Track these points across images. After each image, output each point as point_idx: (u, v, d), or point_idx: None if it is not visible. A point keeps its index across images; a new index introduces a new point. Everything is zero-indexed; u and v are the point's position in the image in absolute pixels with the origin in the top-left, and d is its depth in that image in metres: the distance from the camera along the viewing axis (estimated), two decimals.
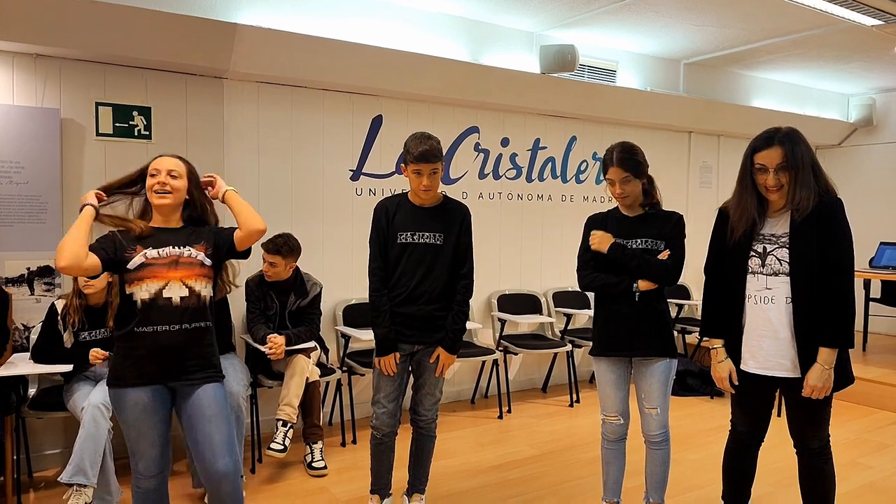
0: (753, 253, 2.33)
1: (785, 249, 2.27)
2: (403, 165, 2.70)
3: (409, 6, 4.39)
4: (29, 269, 3.45)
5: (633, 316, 2.60)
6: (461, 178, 4.83)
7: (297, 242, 3.68)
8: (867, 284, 5.85)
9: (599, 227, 2.71)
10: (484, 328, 4.82)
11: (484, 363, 4.81)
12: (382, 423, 2.75)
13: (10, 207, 3.40)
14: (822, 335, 2.22)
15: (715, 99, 6.06)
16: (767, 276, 2.30)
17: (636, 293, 2.57)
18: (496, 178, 5.03)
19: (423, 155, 2.59)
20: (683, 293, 5.81)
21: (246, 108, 4.02)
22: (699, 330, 2.58)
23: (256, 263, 3.85)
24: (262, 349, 3.48)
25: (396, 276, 2.72)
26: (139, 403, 2.11)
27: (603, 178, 2.67)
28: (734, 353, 2.40)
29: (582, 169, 5.48)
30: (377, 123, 4.47)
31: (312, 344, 3.67)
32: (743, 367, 2.38)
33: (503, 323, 4.79)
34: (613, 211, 2.73)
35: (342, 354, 4.15)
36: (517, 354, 4.83)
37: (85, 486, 2.79)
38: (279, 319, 3.73)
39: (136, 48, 3.46)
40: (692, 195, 6.12)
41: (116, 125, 3.64)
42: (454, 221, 2.75)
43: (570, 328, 5.09)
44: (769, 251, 2.30)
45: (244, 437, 3.22)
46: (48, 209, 3.46)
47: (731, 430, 2.57)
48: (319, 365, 3.78)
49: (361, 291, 4.38)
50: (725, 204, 2.46)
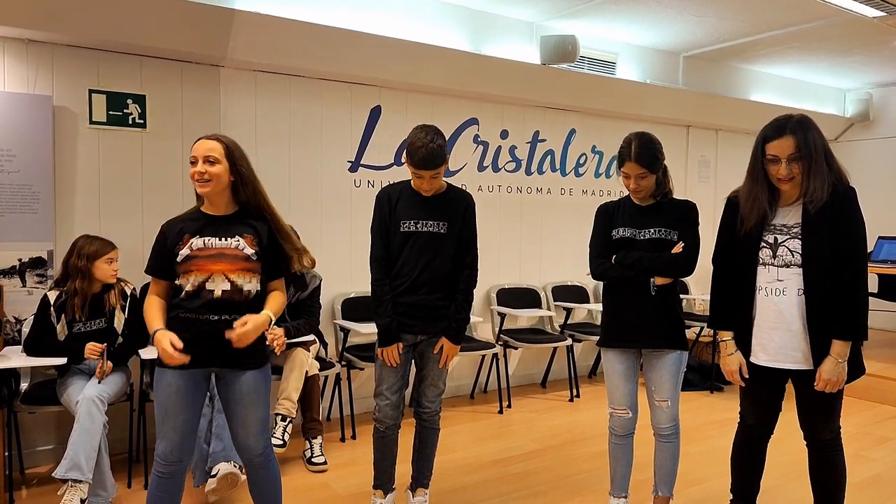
0: (764, 244, 2.29)
1: (797, 240, 2.22)
2: (406, 160, 2.64)
3: None
4: (21, 260, 3.36)
5: (644, 306, 2.55)
6: (460, 170, 4.77)
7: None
8: None
9: (611, 216, 2.65)
10: (483, 322, 4.77)
11: (483, 357, 4.76)
12: (385, 415, 2.69)
13: (1, 197, 3.31)
14: (835, 327, 2.17)
15: (713, 92, 6.03)
16: (779, 267, 2.25)
17: (654, 289, 2.52)
18: (495, 170, 4.98)
19: (422, 161, 2.54)
20: (682, 287, 5.79)
21: (243, 97, 3.94)
22: (708, 322, 2.53)
23: None
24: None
25: (399, 265, 2.66)
26: (172, 385, 2.14)
27: (619, 171, 2.59)
28: (744, 345, 2.35)
29: (581, 162, 5.44)
30: (376, 114, 4.41)
31: (311, 337, 3.61)
32: (753, 359, 2.33)
33: (503, 317, 4.74)
34: (625, 199, 2.68)
35: (341, 348, 4.08)
36: (517, 349, 4.78)
37: (80, 481, 2.70)
38: None
39: (130, 34, 3.38)
40: (690, 190, 6.08)
41: (110, 113, 3.55)
42: (458, 210, 2.70)
43: (569, 322, 5.04)
44: (780, 242, 2.26)
45: None
46: (40, 199, 3.37)
47: (739, 422, 2.53)
48: (318, 359, 3.72)
49: (360, 285, 4.34)
50: (734, 192, 2.42)
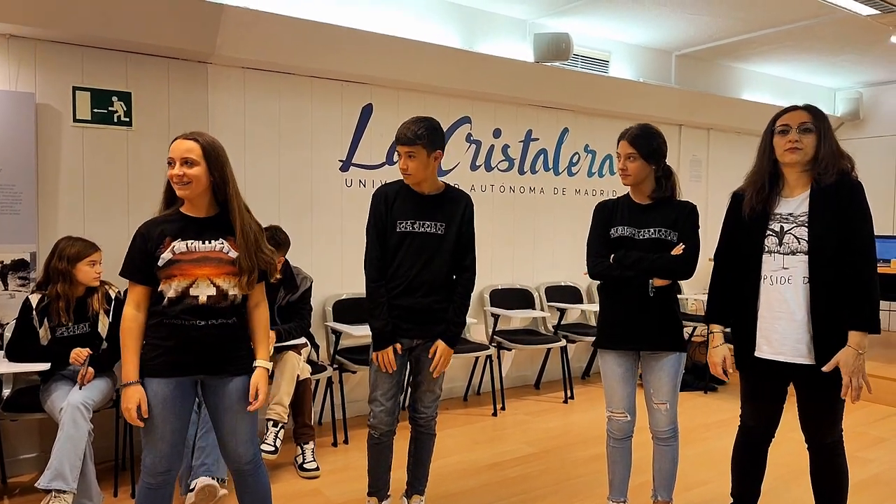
0: (770, 232, 2.27)
1: (804, 228, 2.20)
2: None
3: None
4: (2, 262, 3.26)
5: (642, 307, 2.51)
6: (453, 169, 4.71)
7: (285, 235, 3.55)
8: None
9: (610, 213, 2.61)
10: (477, 323, 4.71)
11: (477, 359, 4.71)
12: (381, 421, 2.62)
13: None
14: (851, 318, 2.14)
15: (706, 91, 6.02)
16: (784, 255, 2.23)
17: (652, 291, 2.48)
18: (488, 169, 4.92)
19: (399, 136, 2.55)
20: (676, 287, 5.75)
21: (231, 94, 3.85)
22: (704, 315, 2.51)
23: None
24: None
25: (395, 265, 2.60)
26: (158, 394, 2.05)
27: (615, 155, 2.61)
28: (748, 338, 2.32)
29: (574, 161, 5.39)
30: (367, 112, 4.34)
31: (303, 340, 3.54)
32: (757, 352, 2.30)
33: (496, 318, 4.68)
34: (624, 198, 2.64)
35: (333, 351, 4.01)
36: (510, 350, 4.73)
37: (64, 491, 2.61)
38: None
39: (115, 30, 3.29)
40: (682, 189, 6.02)
41: (95, 111, 3.46)
42: (456, 211, 2.64)
43: (563, 323, 5.01)
44: (787, 230, 2.24)
45: None
46: (23, 199, 3.27)
47: (740, 426, 2.49)
48: (310, 362, 3.65)
49: (352, 286, 4.26)
50: (740, 188, 2.41)
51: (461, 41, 4.56)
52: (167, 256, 2.05)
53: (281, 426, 3.26)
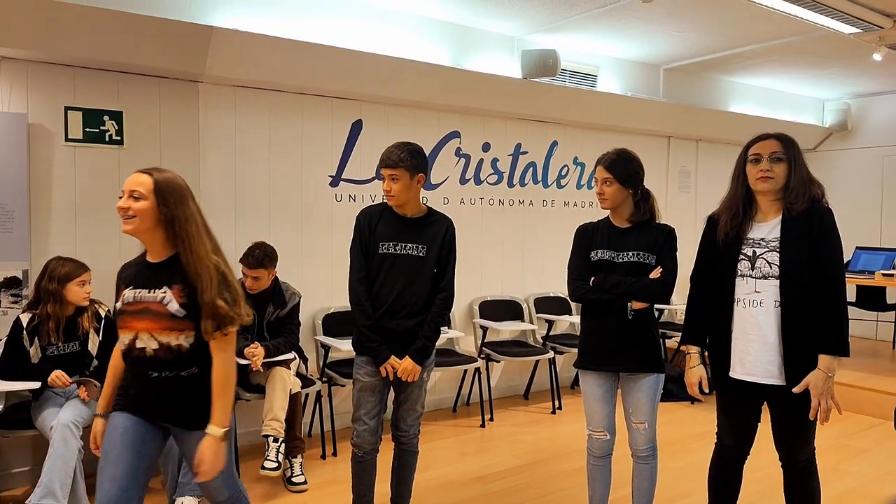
0: (743, 256, 2.33)
1: (775, 253, 2.27)
2: None
3: (389, 9, 4.32)
4: None
5: (621, 330, 2.57)
6: (442, 183, 4.77)
7: (273, 249, 3.62)
8: None
9: (589, 237, 2.67)
10: (466, 335, 4.77)
11: (466, 371, 4.77)
12: (364, 440, 2.68)
13: None
14: (821, 342, 2.21)
15: (694, 104, 6.08)
16: (756, 279, 2.30)
17: (630, 314, 2.54)
18: (477, 183, 4.98)
19: (382, 159, 2.64)
20: None
21: (222, 112, 3.91)
22: (681, 337, 2.57)
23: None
24: (241, 362, 3.39)
25: (377, 287, 2.66)
26: (117, 427, 1.95)
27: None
28: (723, 359, 2.38)
29: (563, 174, 5.46)
30: (357, 128, 4.39)
31: (292, 355, 3.59)
32: (731, 373, 2.36)
33: (485, 330, 4.74)
34: (604, 221, 2.70)
35: (322, 365, 4.06)
36: (499, 362, 4.79)
37: None
38: (257, 330, 3.63)
39: (107, 51, 3.34)
40: (671, 200, 6.12)
41: (87, 130, 3.51)
42: (438, 234, 2.70)
43: (551, 334, 5.06)
44: (759, 255, 2.30)
45: None
46: (15, 218, 3.33)
47: (716, 443, 2.55)
48: (299, 375, 3.70)
49: (341, 300, 4.29)
50: (715, 212, 2.47)
51: (450, 58, 4.62)
52: (118, 306, 1.96)
53: (280, 441, 3.31)
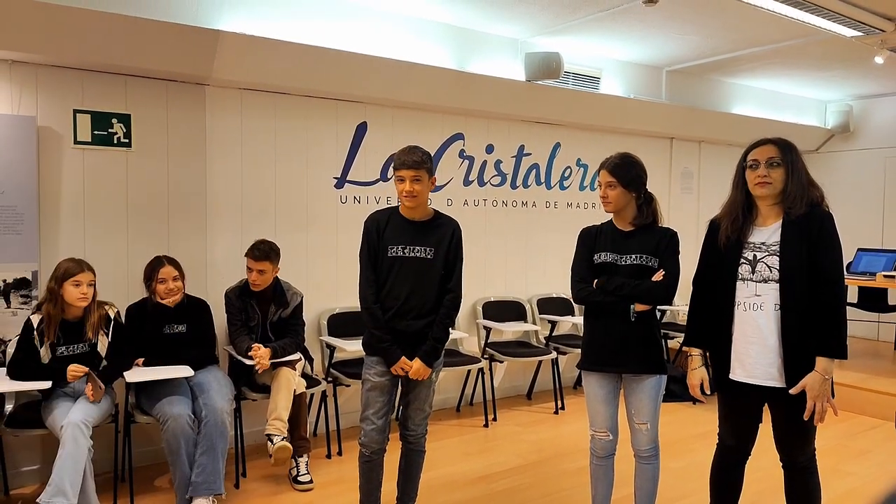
0: (743, 260, 2.36)
1: (775, 257, 2.30)
2: (392, 170, 2.73)
3: (394, 13, 4.35)
4: (5, 281, 3.35)
5: (623, 331, 2.60)
6: (446, 184, 4.80)
7: (277, 246, 3.67)
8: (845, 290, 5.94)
9: (593, 240, 2.70)
10: (469, 336, 4.80)
11: (469, 371, 4.80)
12: (371, 440, 2.71)
13: None
14: (818, 344, 2.24)
15: (696, 106, 6.11)
16: (757, 282, 2.33)
17: (633, 316, 2.57)
18: (481, 184, 5.01)
19: (403, 162, 2.64)
20: None
21: (229, 115, 3.95)
22: (683, 339, 2.61)
23: (235, 275, 3.79)
24: (247, 363, 3.43)
25: (386, 289, 2.70)
26: None
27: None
28: (723, 361, 2.41)
29: (566, 175, 5.48)
30: (362, 130, 4.43)
31: (297, 356, 3.62)
32: (732, 375, 2.39)
33: (488, 331, 4.77)
34: (607, 224, 2.73)
35: (327, 365, 4.10)
36: (502, 362, 4.82)
37: None
38: (261, 330, 3.67)
39: (115, 55, 3.38)
40: (674, 201, 6.16)
41: (95, 133, 3.55)
42: (445, 236, 2.74)
43: (554, 335, 5.09)
44: (759, 258, 2.33)
45: (227, 451, 3.16)
46: (24, 220, 3.36)
47: (718, 443, 2.58)
48: (304, 375, 3.73)
49: (346, 301, 4.36)
50: (717, 216, 2.50)
51: (454, 61, 4.65)
52: None
53: (283, 439, 3.34)
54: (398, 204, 2.76)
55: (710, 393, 2.48)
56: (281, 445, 3.26)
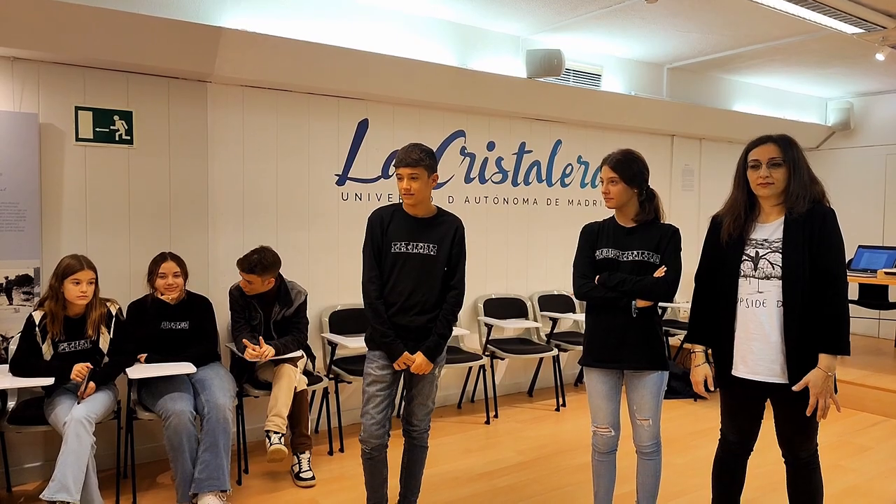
0: (746, 257, 2.37)
1: (777, 254, 2.30)
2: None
3: (396, 10, 4.35)
4: (7, 278, 3.35)
5: (625, 327, 2.60)
6: (447, 182, 4.80)
7: (272, 257, 3.57)
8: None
9: (594, 236, 2.71)
10: (470, 333, 4.80)
11: (470, 368, 4.80)
12: (371, 434, 2.71)
13: None
14: (821, 341, 2.24)
15: (697, 103, 6.11)
16: (759, 279, 2.33)
17: (635, 312, 2.57)
18: (482, 182, 5.01)
19: (401, 160, 2.66)
20: None
21: (230, 112, 3.95)
22: (685, 336, 2.61)
23: (236, 272, 3.79)
24: (249, 359, 3.43)
25: (390, 285, 2.71)
26: None
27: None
28: (726, 358, 2.41)
29: (567, 173, 5.49)
30: (363, 127, 4.43)
31: (299, 353, 3.63)
32: (734, 372, 2.39)
33: (489, 328, 4.78)
34: (609, 220, 2.73)
35: (329, 362, 4.10)
36: (503, 359, 4.82)
37: (68, 503, 2.70)
38: (264, 329, 3.67)
39: (117, 52, 3.38)
40: (675, 198, 6.16)
41: (97, 130, 3.55)
42: (448, 233, 2.75)
43: (555, 332, 5.10)
44: (762, 255, 2.34)
45: (230, 447, 3.17)
46: (27, 217, 3.37)
47: (720, 439, 2.58)
48: (306, 373, 3.74)
49: (348, 297, 4.36)
50: (718, 212, 2.50)
51: (455, 58, 4.65)
52: None
53: (281, 436, 3.35)
54: (401, 201, 2.77)
55: (713, 389, 2.48)
56: (276, 448, 3.27)
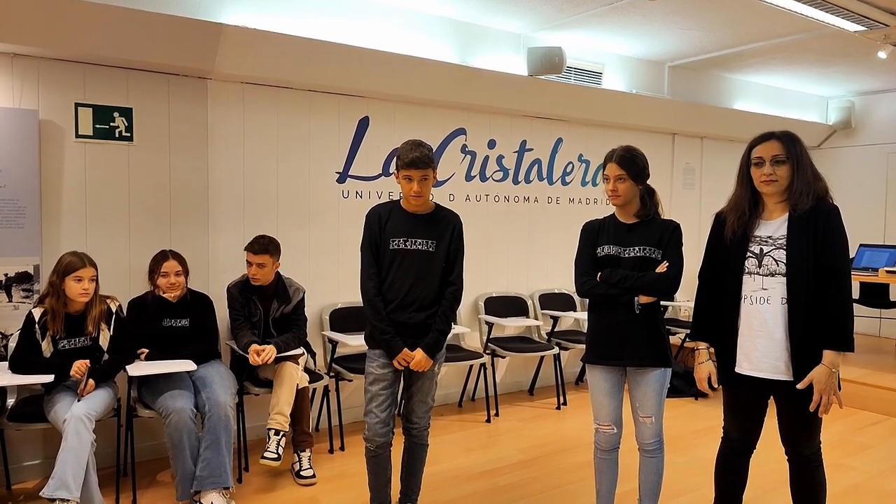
0: (750, 254, 2.36)
1: (782, 251, 2.30)
2: (395, 172, 2.68)
3: (396, 7, 4.34)
4: (6, 275, 3.34)
5: (628, 324, 2.59)
6: (448, 180, 4.79)
7: (277, 241, 3.67)
8: None
9: (596, 233, 2.69)
10: (471, 331, 4.79)
11: (471, 366, 4.79)
12: (376, 433, 2.70)
13: None
14: (825, 338, 2.23)
15: (698, 101, 6.10)
16: (764, 276, 2.32)
17: (638, 308, 2.56)
18: (483, 180, 5.00)
19: (413, 161, 2.59)
20: None
21: (231, 109, 3.93)
22: (689, 333, 2.59)
23: (237, 269, 3.79)
24: (250, 359, 3.42)
25: (388, 282, 2.70)
26: None
27: (601, 175, 2.68)
28: (729, 355, 2.40)
29: (568, 171, 5.47)
30: (364, 125, 4.42)
31: (300, 351, 3.62)
32: (738, 369, 2.38)
33: (490, 326, 4.77)
34: (609, 218, 2.72)
35: (329, 360, 4.09)
36: (504, 357, 4.81)
37: (68, 500, 2.68)
38: (263, 326, 3.66)
39: (117, 48, 3.36)
40: (675, 197, 6.15)
41: (97, 126, 3.54)
42: (447, 229, 2.74)
43: (556, 330, 5.09)
44: (766, 252, 2.33)
45: (231, 445, 3.16)
46: (26, 214, 3.35)
47: (723, 437, 2.57)
48: (306, 370, 3.72)
49: (349, 296, 4.35)
50: (722, 209, 2.49)
51: (456, 55, 4.64)
52: None
53: (282, 434, 3.34)
54: (399, 198, 2.76)
55: (717, 387, 2.47)
56: (271, 463, 3.27)
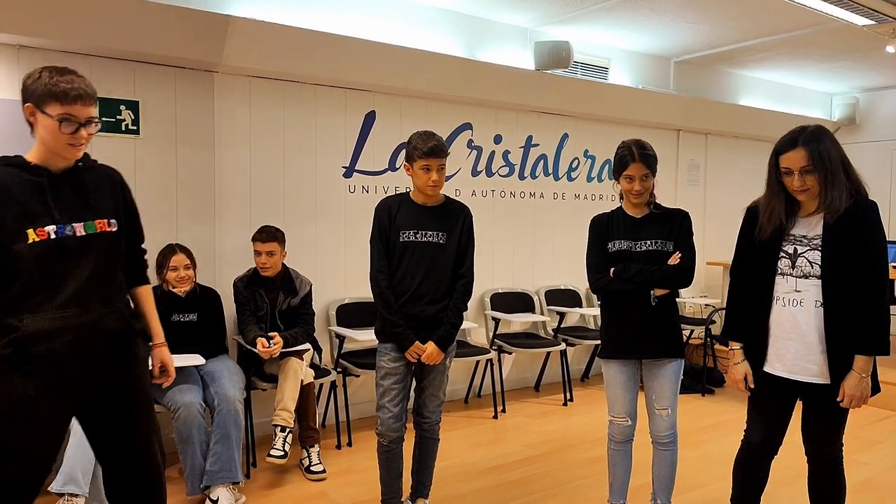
0: (783, 254, 2.25)
1: (817, 252, 2.19)
2: (408, 164, 2.65)
3: (404, 1, 4.32)
4: None
5: (642, 317, 2.58)
6: (454, 175, 4.77)
7: (282, 230, 3.67)
8: None
9: (604, 228, 2.66)
10: (477, 327, 4.77)
11: (478, 362, 4.77)
12: (389, 428, 2.68)
13: None
14: (858, 342, 2.15)
15: (703, 97, 6.08)
16: (797, 278, 2.22)
17: (654, 301, 2.54)
18: (489, 175, 4.98)
19: (432, 150, 2.57)
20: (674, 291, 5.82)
21: (237, 102, 3.91)
22: (721, 331, 2.53)
23: (244, 263, 3.76)
24: (255, 351, 3.40)
25: (399, 275, 2.67)
26: None
27: (615, 176, 2.62)
28: (759, 354, 2.32)
29: (573, 166, 5.46)
30: (370, 119, 4.39)
31: (306, 346, 3.59)
32: (768, 368, 2.29)
33: (497, 322, 4.75)
34: (617, 211, 2.69)
35: (336, 355, 4.07)
36: (511, 353, 4.79)
37: (76, 495, 2.67)
38: (270, 319, 3.63)
39: (124, 40, 3.34)
40: (680, 193, 6.13)
41: (103, 119, 3.49)
42: (457, 221, 2.72)
43: (562, 326, 5.07)
44: (800, 253, 2.22)
45: (241, 439, 3.13)
46: None
47: (743, 440, 2.47)
48: (312, 366, 3.70)
49: (355, 290, 4.32)
50: (754, 202, 2.38)
51: (463, 49, 4.62)
52: None
53: (288, 431, 3.32)
54: (408, 190, 2.73)
55: (753, 387, 2.35)
56: (277, 460, 3.27)
